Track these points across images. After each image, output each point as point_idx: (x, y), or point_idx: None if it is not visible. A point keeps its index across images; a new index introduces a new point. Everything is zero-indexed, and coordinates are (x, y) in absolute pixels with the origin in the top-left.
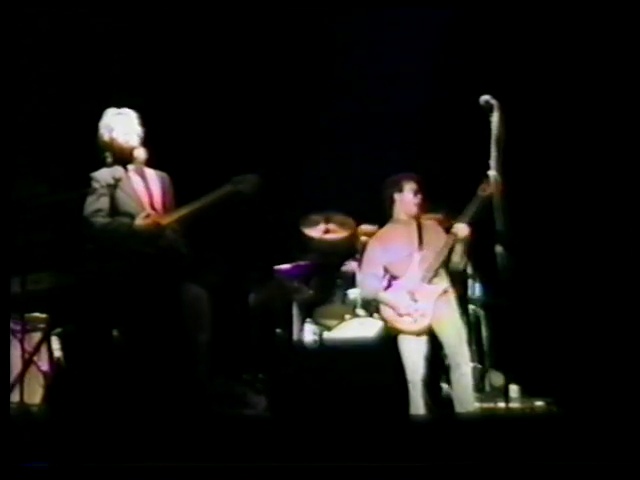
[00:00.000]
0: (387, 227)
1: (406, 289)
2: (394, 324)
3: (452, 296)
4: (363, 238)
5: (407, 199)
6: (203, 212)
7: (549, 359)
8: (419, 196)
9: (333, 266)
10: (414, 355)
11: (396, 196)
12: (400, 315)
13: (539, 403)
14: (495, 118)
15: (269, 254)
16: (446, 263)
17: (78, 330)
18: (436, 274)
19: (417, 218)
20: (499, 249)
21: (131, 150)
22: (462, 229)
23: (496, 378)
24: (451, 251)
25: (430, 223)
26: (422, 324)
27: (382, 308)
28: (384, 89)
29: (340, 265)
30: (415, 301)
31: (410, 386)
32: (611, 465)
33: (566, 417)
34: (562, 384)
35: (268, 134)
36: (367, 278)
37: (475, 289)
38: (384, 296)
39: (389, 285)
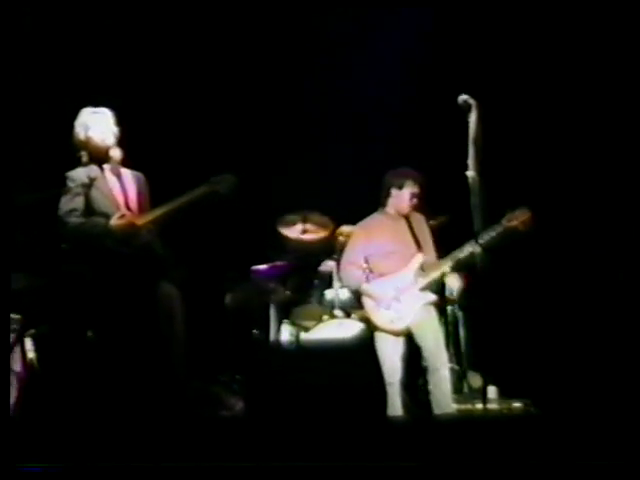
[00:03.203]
0: (375, 218)
1: (394, 286)
2: (371, 317)
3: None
4: (341, 238)
5: (403, 199)
6: (179, 212)
7: (527, 360)
8: (415, 200)
9: (310, 266)
10: (392, 356)
11: (393, 191)
12: (379, 309)
13: (517, 404)
14: (473, 118)
15: (246, 254)
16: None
17: (52, 331)
18: (430, 285)
19: (407, 216)
20: (477, 249)
21: (107, 149)
22: (474, 250)
23: (474, 379)
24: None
25: (418, 218)
26: (400, 326)
27: (364, 299)
28: (364, 89)
29: (317, 265)
30: (398, 301)
31: (388, 387)
32: (590, 465)
33: (544, 418)
34: (540, 385)
35: (246, 133)
36: (349, 268)
37: (453, 290)
38: (367, 287)
39: (367, 278)
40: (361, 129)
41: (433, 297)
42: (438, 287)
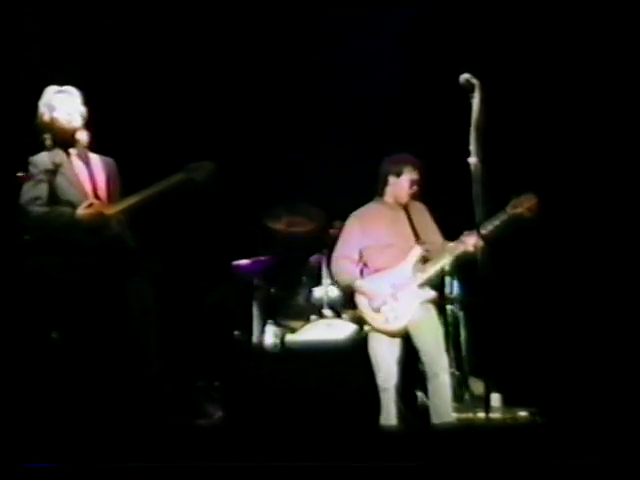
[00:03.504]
0: (371, 207)
1: (390, 282)
2: (365, 316)
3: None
4: (332, 231)
5: (402, 186)
6: (153, 202)
7: (533, 365)
8: (414, 188)
9: (298, 261)
10: (387, 360)
11: (391, 179)
12: (374, 309)
13: (523, 413)
14: (476, 99)
15: (226, 248)
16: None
17: (15, 330)
18: (429, 281)
19: (405, 205)
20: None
21: (73, 132)
22: (475, 242)
23: (476, 386)
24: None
25: (418, 207)
26: (396, 326)
27: (357, 297)
28: (359, 70)
29: (305, 260)
30: (395, 299)
31: (382, 393)
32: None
33: (552, 428)
34: (548, 392)
35: (228, 116)
36: (342, 262)
37: (453, 287)
38: (362, 283)
39: (361, 272)
40: (356, 114)
41: (433, 294)
42: (438, 283)
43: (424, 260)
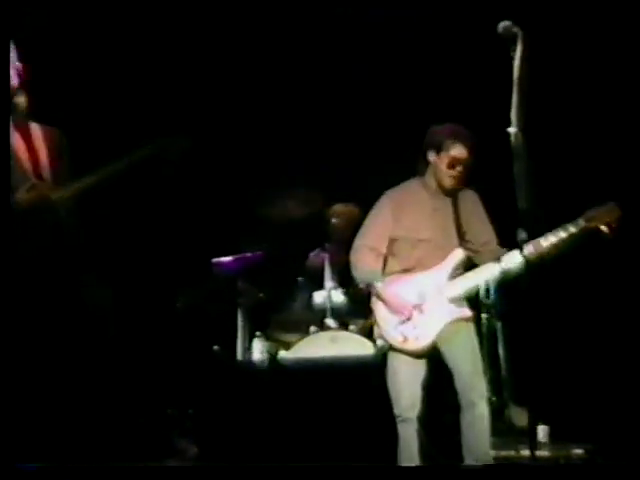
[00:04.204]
0: (410, 187)
1: (418, 289)
2: (380, 329)
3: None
4: (334, 220)
5: (443, 166)
6: (111, 185)
7: (590, 390)
8: (459, 169)
9: (293, 258)
10: (411, 383)
11: (430, 155)
12: (392, 320)
13: (577, 451)
14: (518, 53)
15: (204, 242)
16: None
17: None
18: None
19: (452, 193)
20: (522, 235)
21: None
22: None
23: (518, 416)
24: None
25: (470, 197)
26: (414, 347)
27: (374, 302)
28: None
29: (303, 257)
30: (420, 312)
31: (401, 425)
32: None
33: (614, 470)
34: (608, 425)
35: (207, 80)
36: (364, 251)
37: (489, 290)
38: (383, 287)
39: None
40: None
41: (468, 313)
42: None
43: (465, 266)
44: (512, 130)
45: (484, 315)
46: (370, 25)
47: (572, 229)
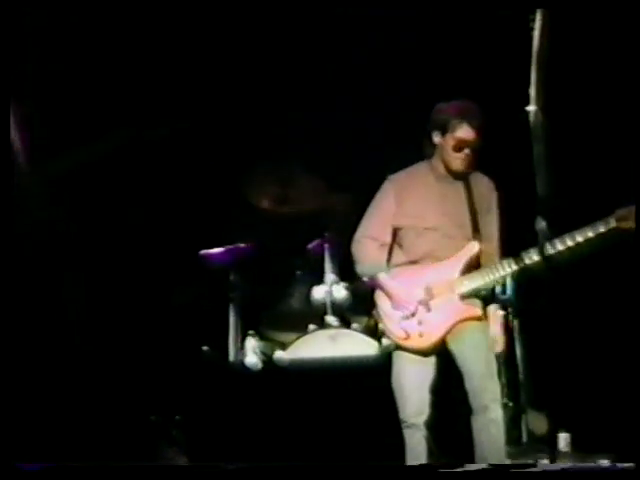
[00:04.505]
0: (416, 171)
1: (424, 283)
2: (382, 325)
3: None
4: (335, 207)
5: (449, 148)
6: (91, 167)
7: (616, 395)
8: (467, 152)
9: (290, 251)
10: (418, 385)
11: (436, 138)
12: (395, 317)
13: (602, 461)
14: (537, 23)
15: (192, 232)
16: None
17: None
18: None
19: (463, 177)
20: (541, 224)
21: None
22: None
23: (537, 422)
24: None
25: (483, 183)
26: (418, 344)
27: (377, 296)
28: None
29: (301, 249)
30: (427, 308)
31: (407, 431)
32: None
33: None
34: (635, 433)
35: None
36: (365, 242)
37: (505, 285)
38: (386, 279)
39: (389, 259)
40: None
41: (477, 312)
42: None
43: (477, 261)
44: (531, 108)
45: (500, 312)
46: None
47: (601, 228)
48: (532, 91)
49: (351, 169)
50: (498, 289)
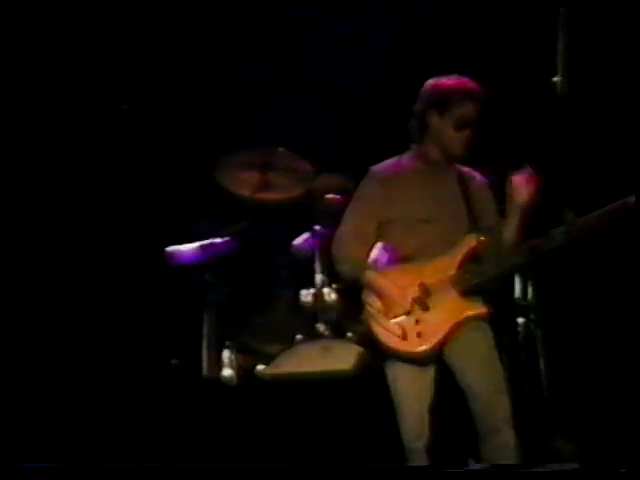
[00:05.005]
0: (403, 161)
1: (419, 280)
2: (372, 328)
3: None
4: (326, 196)
5: (449, 129)
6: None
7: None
8: (467, 131)
9: (274, 247)
10: (414, 405)
11: (430, 117)
12: (387, 317)
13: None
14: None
15: (158, 226)
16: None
17: None
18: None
19: (457, 162)
20: (569, 215)
21: None
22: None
23: (562, 448)
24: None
25: (477, 177)
26: (415, 348)
27: (365, 296)
28: None
29: (287, 245)
30: (424, 308)
31: (408, 456)
32: None
33: None
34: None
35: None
36: (348, 239)
37: (526, 288)
38: (375, 277)
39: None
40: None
41: (482, 310)
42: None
43: (476, 255)
44: (557, 79)
45: (520, 319)
46: None
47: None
48: (559, 59)
49: (341, 154)
50: (517, 293)
